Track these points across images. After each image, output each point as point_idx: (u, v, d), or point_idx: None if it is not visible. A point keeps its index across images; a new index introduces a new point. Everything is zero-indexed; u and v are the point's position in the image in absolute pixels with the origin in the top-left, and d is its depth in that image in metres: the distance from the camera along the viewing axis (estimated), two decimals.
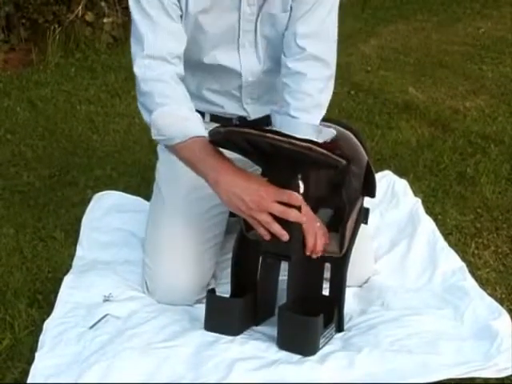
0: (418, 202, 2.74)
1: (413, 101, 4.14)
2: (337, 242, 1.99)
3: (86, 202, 2.86)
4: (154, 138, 1.97)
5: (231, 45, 2.10)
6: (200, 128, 1.93)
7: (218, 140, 1.85)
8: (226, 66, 2.13)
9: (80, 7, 5.33)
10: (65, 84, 4.62)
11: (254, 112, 2.26)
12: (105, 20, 5.43)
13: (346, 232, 1.99)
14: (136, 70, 1.99)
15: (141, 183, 3.05)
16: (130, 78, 4.61)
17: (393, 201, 2.77)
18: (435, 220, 2.65)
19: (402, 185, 2.87)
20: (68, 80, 4.71)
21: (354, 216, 2.02)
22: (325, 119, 2.10)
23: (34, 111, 4.13)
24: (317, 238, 1.89)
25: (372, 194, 2.07)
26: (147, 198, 2.60)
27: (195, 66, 2.15)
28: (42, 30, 5.17)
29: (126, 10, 5.26)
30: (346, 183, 2.04)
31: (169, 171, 2.23)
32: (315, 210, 1.95)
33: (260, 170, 1.97)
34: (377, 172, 2.90)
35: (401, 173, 3.03)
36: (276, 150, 1.77)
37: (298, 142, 1.72)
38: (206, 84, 2.21)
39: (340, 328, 2.01)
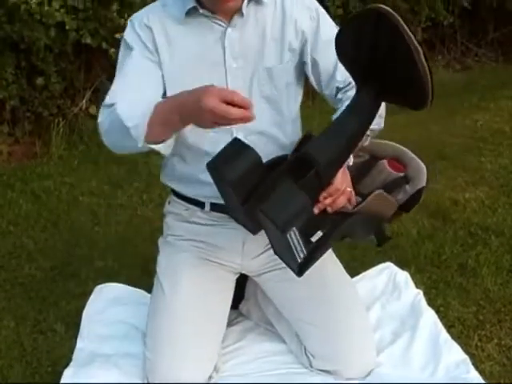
0: (419, 293, 2.74)
1: None
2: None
3: (87, 294, 2.85)
4: (131, 127, 1.87)
5: None
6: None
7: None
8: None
9: (84, 101, 5.42)
10: (68, 176, 4.66)
11: None
12: None
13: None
14: (99, 119, 2.01)
15: (142, 275, 3.05)
16: (133, 170, 4.70)
17: (394, 293, 2.77)
18: (437, 312, 2.64)
19: (403, 277, 2.87)
20: (71, 172, 4.75)
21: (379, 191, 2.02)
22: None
23: (36, 203, 4.16)
24: (339, 196, 1.89)
25: (407, 210, 2.08)
26: (148, 290, 2.60)
27: (188, 147, 2.14)
28: (47, 123, 5.24)
29: None
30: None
31: (169, 265, 2.24)
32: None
33: None
34: (378, 264, 2.91)
35: (402, 264, 3.03)
36: None
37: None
38: (202, 164, 2.12)
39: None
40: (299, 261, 1.83)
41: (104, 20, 4.97)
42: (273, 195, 1.78)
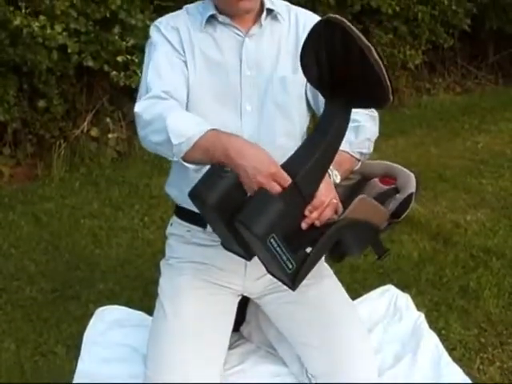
0: (421, 316, 2.72)
1: (414, 214, 4.17)
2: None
3: (88, 316, 2.84)
4: (175, 143, 1.87)
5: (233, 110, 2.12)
6: (209, 124, 1.93)
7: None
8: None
9: (85, 123, 5.44)
10: (69, 198, 4.67)
11: None
12: (110, 135, 5.53)
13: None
14: (137, 109, 1.99)
15: (143, 297, 3.05)
16: (134, 192, 4.71)
17: (396, 315, 2.75)
18: (439, 335, 2.63)
19: (404, 299, 2.86)
20: (72, 194, 4.76)
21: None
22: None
23: (38, 225, 4.16)
24: (325, 208, 1.88)
25: (397, 218, 2.07)
26: (150, 312, 2.59)
27: None
28: (48, 145, 5.26)
29: (131, 125, 5.37)
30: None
31: (171, 287, 2.23)
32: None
33: None
34: (379, 286, 2.91)
35: (403, 286, 3.02)
36: None
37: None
38: None
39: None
40: (288, 271, 1.82)
41: (106, 43, 5.00)
42: (247, 205, 1.79)
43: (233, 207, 1.81)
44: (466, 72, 7.98)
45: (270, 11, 2.15)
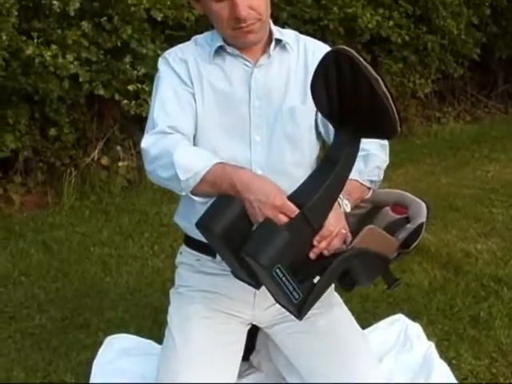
0: (431, 346, 2.71)
1: (424, 243, 4.15)
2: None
3: (97, 344, 2.84)
4: (183, 179, 1.90)
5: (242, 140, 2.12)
6: (216, 157, 1.94)
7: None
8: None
9: (96, 151, 5.47)
10: (79, 226, 4.68)
11: None
12: (120, 164, 5.55)
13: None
14: (143, 144, 2.01)
15: (152, 326, 3.04)
16: (144, 220, 4.71)
17: (406, 345, 2.74)
18: (450, 364, 2.62)
19: (415, 328, 2.85)
20: (82, 222, 4.77)
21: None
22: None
23: (48, 253, 4.17)
24: (333, 238, 1.88)
25: (407, 248, 2.06)
26: (159, 341, 2.58)
27: None
28: (59, 173, 5.29)
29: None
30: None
31: (180, 316, 2.23)
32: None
33: None
34: (389, 315, 2.89)
35: (414, 316, 3.01)
36: None
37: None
38: None
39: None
40: (295, 302, 1.82)
41: (117, 72, 5.03)
42: (253, 235, 1.80)
43: (239, 237, 1.82)
44: (476, 101, 8.00)
45: (278, 41, 2.16)
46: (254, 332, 2.41)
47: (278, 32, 2.16)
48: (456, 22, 6.89)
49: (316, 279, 1.85)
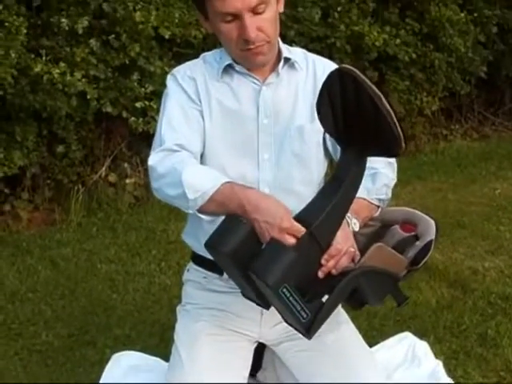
0: (439, 364, 2.70)
1: (432, 261, 4.14)
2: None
3: (104, 361, 2.83)
4: (191, 199, 1.89)
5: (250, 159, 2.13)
6: (224, 176, 1.94)
7: None
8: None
9: (103, 168, 5.48)
10: (86, 243, 4.68)
11: None
12: (127, 181, 5.56)
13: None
14: (150, 162, 2.02)
15: (159, 343, 3.04)
16: (151, 237, 4.71)
17: (414, 363, 2.73)
18: (457, 383, 2.61)
19: (422, 346, 2.84)
20: (89, 239, 4.77)
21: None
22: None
23: (55, 270, 4.17)
24: (341, 256, 1.87)
25: (416, 265, 2.06)
26: (166, 358, 2.58)
27: None
28: (66, 190, 5.30)
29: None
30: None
31: (187, 334, 2.22)
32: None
33: None
34: (396, 333, 2.88)
35: (421, 334, 3.00)
36: None
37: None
38: None
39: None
40: (303, 321, 1.82)
41: (125, 89, 5.05)
42: (260, 255, 1.80)
43: (248, 256, 1.82)
44: (483, 118, 7.99)
45: (287, 60, 2.16)
46: (260, 349, 2.40)
47: (286, 50, 2.17)
48: (463, 40, 6.90)
49: (324, 298, 1.85)
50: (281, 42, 2.16)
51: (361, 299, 1.94)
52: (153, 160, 2.02)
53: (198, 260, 2.27)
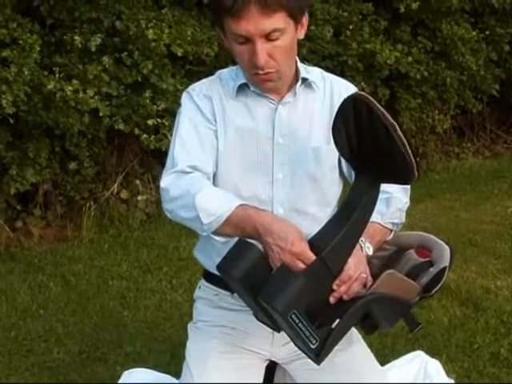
0: (451, 383, 2.69)
1: (444, 280, 4.12)
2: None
3: (115, 378, 2.83)
4: (205, 223, 1.89)
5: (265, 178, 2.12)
6: (238, 199, 1.93)
7: None
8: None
9: (115, 185, 5.49)
10: (98, 260, 4.69)
11: None
12: (139, 197, 5.57)
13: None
14: (163, 184, 2.00)
15: (171, 361, 3.04)
16: (162, 254, 4.72)
17: (426, 382, 2.72)
18: None
19: (434, 365, 2.82)
20: (101, 256, 4.78)
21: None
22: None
23: (66, 286, 4.18)
24: (353, 282, 1.88)
25: (429, 292, 2.05)
26: (177, 375, 2.57)
27: None
28: (78, 206, 5.31)
29: None
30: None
31: (198, 351, 2.22)
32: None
33: None
34: (408, 352, 2.87)
35: (433, 353, 2.98)
36: None
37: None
38: None
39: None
40: (312, 347, 1.82)
41: (137, 106, 5.07)
42: (270, 280, 1.81)
43: (259, 281, 1.82)
44: (495, 136, 7.98)
45: (304, 79, 2.14)
46: (272, 368, 2.40)
47: (304, 70, 2.15)
48: (475, 58, 6.90)
49: (335, 323, 1.84)
50: (299, 62, 2.14)
51: (372, 323, 1.94)
52: (165, 182, 2.01)
53: (210, 277, 2.27)
